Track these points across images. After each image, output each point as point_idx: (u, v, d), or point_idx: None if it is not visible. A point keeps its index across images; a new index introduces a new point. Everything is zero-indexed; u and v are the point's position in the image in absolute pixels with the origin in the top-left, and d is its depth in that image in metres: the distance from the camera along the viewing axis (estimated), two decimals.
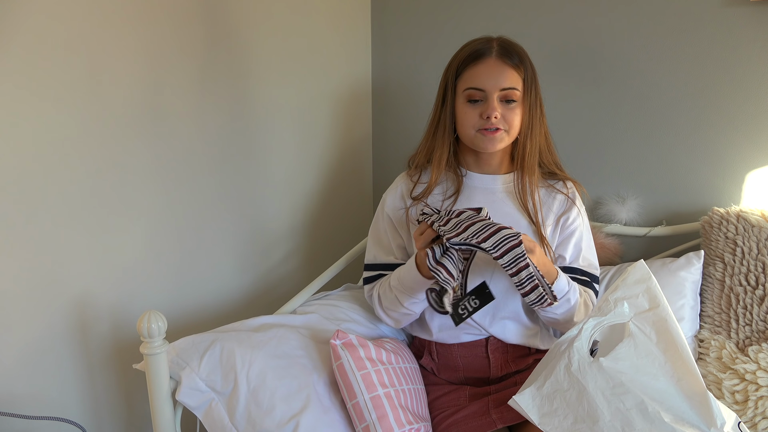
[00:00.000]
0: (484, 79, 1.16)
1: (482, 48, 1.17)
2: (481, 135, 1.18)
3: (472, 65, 1.17)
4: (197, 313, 1.51)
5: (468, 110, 1.18)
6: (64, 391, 1.27)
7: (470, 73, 1.18)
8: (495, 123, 1.16)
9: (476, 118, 1.18)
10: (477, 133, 1.19)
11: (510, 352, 1.24)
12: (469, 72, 1.18)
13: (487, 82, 1.16)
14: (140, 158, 1.32)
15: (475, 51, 1.18)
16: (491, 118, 1.15)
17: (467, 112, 1.18)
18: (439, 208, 1.23)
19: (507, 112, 1.17)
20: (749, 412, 1.15)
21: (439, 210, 1.12)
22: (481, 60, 1.17)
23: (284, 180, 1.66)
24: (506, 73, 1.16)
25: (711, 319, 1.31)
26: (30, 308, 1.19)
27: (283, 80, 1.60)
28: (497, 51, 1.17)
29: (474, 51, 1.18)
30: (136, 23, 1.26)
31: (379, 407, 1.07)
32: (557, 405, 0.97)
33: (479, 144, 1.20)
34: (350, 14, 1.78)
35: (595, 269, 1.26)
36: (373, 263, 1.31)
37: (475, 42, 1.20)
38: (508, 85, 1.16)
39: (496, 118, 1.16)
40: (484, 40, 1.19)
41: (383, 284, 1.27)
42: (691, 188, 1.46)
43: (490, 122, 1.16)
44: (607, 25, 1.48)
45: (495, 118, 1.15)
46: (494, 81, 1.15)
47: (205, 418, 1.09)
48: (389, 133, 1.90)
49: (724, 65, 1.37)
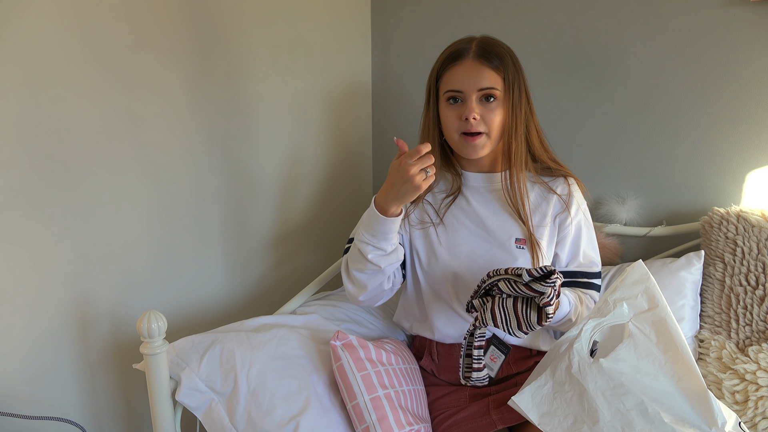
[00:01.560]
0: (461, 80, 1.15)
1: (460, 49, 1.17)
2: (463, 140, 1.18)
3: (450, 67, 1.17)
4: (197, 313, 1.51)
5: (449, 113, 1.18)
6: (64, 391, 1.27)
7: (449, 75, 1.17)
8: (474, 125, 1.15)
9: (456, 120, 1.17)
10: (460, 138, 1.18)
11: (511, 354, 1.24)
12: (448, 74, 1.18)
13: (464, 83, 1.15)
14: (140, 158, 1.32)
15: (453, 53, 1.17)
16: (470, 119, 1.15)
17: (448, 115, 1.18)
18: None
19: (487, 113, 1.16)
20: (749, 412, 1.15)
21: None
22: (458, 61, 1.16)
23: (284, 180, 1.66)
24: (483, 74, 1.15)
25: (711, 319, 1.31)
26: (30, 308, 1.19)
27: (283, 80, 1.60)
28: (475, 52, 1.16)
29: (452, 53, 1.18)
30: (136, 23, 1.26)
31: (379, 408, 1.07)
32: (557, 405, 0.97)
33: (462, 150, 1.19)
34: (350, 14, 1.78)
35: (596, 265, 1.25)
36: (353, 237, 1.25)
37: (456, 43, 1.20)
38: (486, 85, 1.15)
39: (475, 119, 1.14)
40: (464, 41, 1.19)
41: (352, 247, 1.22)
42: (691, 188, 1.46)
43: (469, 124, 1.15)
44: (607, 25, 1.48)
45: (474, 119, 1.14)
46: (471, 82, 1.15)
47: (205, 418, 1.09)
48: (389, 133, 1.90)
49: (724, 65, 1.36)
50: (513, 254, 1.19)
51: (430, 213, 1.26)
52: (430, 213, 1.26)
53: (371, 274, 1.18)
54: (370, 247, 1.14)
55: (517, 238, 1.20)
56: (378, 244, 1.14)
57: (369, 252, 1.14)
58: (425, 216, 1.26)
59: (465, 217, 1.23)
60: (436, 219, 1.25)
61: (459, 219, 1.24)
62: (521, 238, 1.20)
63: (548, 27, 1.56)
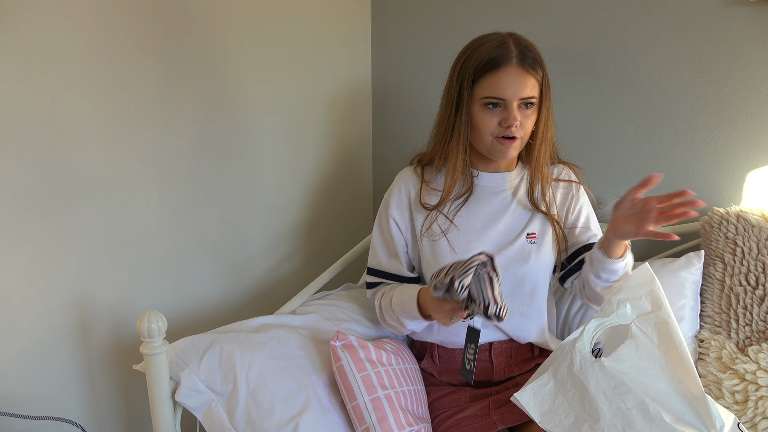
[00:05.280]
0: (504, 88, 1.12)
1: (501, 54, 1.12)
2: (498, 143, 1.16)
3: (492, 73, 1.13)
4: (197, 313, 1.51)
5: (485, 117, 1.15)
6: (64, 391, 1.27)
7: (489, 81, 1.13)
8: (513, 131, 1.14)
9: (494, 125, 1.15)
10: (494, 141, 1.16)
11: (513, 356, 1.24)
12: (487, 80, 1.13)
13: (507, 92, 1.12)
14: (141, 158, 1.32)
15: (494, 57, 1.12)
16: (512, 127, 1.13)
17: (484, 119, 1.15)
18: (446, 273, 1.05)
19: (524, 119, 1.15)
20: (749, 412, 1.15)
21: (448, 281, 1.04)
22: (500, 68, 1.12)
23: (284, 180, 1.66)
24: (526, 82, 1.13)
25: (711, 319, 1.31)
26: (30, 308, 1.19)
27: (282, 80, 1.60)
28: (517, 57, 1.12)
29: (492, 57, 1.12)
30: (136, 24, 1.26)
31: (379, 409, 1.07)
32: (558, 404, 0.97)
33: (495, 152, 1.18)
34: (350, 14, 1.78)
35: None
36: (376, 269, 1.31)
37: (491, 44, 1.14)
38: (528, 94, 1.13)
39: (516, 127, 1.14)
40: (499, 43, 1.13)
41: (385, 296, 1.27)
42: (691, 188, 1.44)
43: (509, 131, 1.14)
44: (606, 25, 1.48)
45: (515, 127, 1.14)
46: (514, 90, 1.12)
47: (205, 418, 1.09)
48: (389, 133, 1.90)
49: (724, 65, 1.36)
50: (525, 249, 1.21)
51: (440, 221, 1.24)
52: (440, 221, 1.24)
53: (407, 330, 1.27)
54: (407, 321, 1.21)
55: (528, 233, 1.22)
56: (414, 325, 1.23)
57: (407, 324, 1.22)
58: (436, 226, 1.24)
59: (475, 219, 1.23)
60: (446, 225, 1.24)
61: (470, 221, 1.23)
62: (532, 232, 1.22)
63: (548, 27, 1.56)
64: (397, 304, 1.21)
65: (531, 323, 1.23)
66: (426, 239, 1.24)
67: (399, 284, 1.27)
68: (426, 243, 1.25)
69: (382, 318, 1.28)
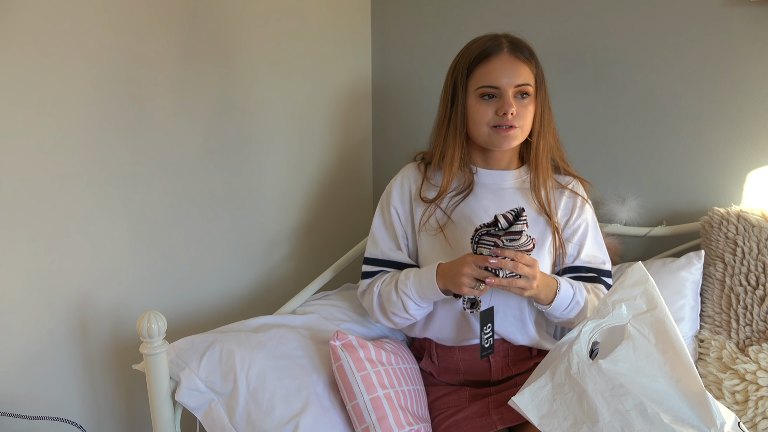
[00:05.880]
0: (499, 75, 1.14)
1: (492, 45, 1.16)
2: (495, 132, 1.17)
3: (484, 62, 1.15)
4: (197, 313, 1.51)
5: (481, 107, 1.16)
6: (64, 391, 1.27)
7: (483, 70, 1.15)
8: (510, 120, 1.14)
9: (491, 114, 1.16)
10: (491, 131, 1.17)
11: (511, 356, 1.24)
12: (481, 70, 1.16)
13: (501, 79, 1.14)
14: (141, 159, 1.32)
15: (485, 48, 1.16)
16: (507, 115, 1.14)
17: (480, 109, 1.16)
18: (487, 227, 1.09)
19: (521, 109, 1.16)
20: (749, 412, 1.15)
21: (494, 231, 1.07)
22: (493, 57, 1.15)
23: (284, 180, 1.66)
24: (520, 69, 1.15)
25: (711, 319, 1.30)
26: (30, 308, 1.19)
27: (283, 80, 1.60)
28: (508, 47, 1.16)
29: (484, 48, 1.16)
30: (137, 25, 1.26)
31: (378, 408, 1.07)
32: (557, 407, 0.97)
33: (493, 142, 1.18)
34: (350, 14, 1.78)
35: (603, 263, 1.25)
36: (374, 258, 1.29)
37: (483, 39, 1.18)
38: (523, 81, 1.15)
39: (512, 114, 1.14)
40: (491, 37, 1.18)
41: (386, 284, 1.23)
42: (692, 188, 1.46)
43: (506, 119, 1.14)
44: (606, 25, 1.48)
45: (511, 114, 1.14)
46: (508, 77, 1.14)
47: (205, 418, 1.09)
48: (389, 133, 1.90)
49: (724, 65, 1.36)
50: None
51: (438, 215, 1.24)
52: (438, 215, 1.24)
53: (407, 319, 1.24)
54: (412, 303, 1.19)
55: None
56: (421, 304, 1.19)
57: (411, 307, 1.19)
58: (434, 220, 1.24)
59: (474, 216, 1.23)
60: (444, 220, 1.23)
61: (468, 218, 1.23)
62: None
63: (548, 27, 1.56)
64: (407, 284, 1.18)
65: (523, 327, 1.22)
66: (424, 233, 1.24)
67: (400, 271, 1.25)
68: (424, 237, 1.25)
69: (380, 306, 1.24)
